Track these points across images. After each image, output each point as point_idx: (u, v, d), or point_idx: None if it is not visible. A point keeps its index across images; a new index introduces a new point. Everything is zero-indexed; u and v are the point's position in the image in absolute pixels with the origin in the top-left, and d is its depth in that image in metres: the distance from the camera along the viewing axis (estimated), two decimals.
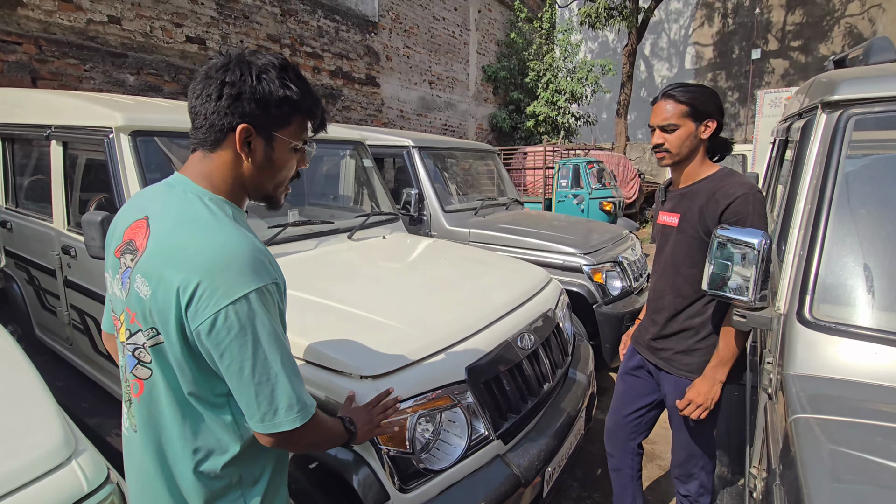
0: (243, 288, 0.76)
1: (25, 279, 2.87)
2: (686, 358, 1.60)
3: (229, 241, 0.79)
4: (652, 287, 1.74)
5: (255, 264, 0.79)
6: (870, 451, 0.79)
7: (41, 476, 0.94)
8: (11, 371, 1.24)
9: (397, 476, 1.32)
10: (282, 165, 0.89)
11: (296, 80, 0.85)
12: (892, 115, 1.15)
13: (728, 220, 1.43)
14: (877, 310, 1.06)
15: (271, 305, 0.80)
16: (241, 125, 0.82)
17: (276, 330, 0.81)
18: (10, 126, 2.77)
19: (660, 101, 1.53)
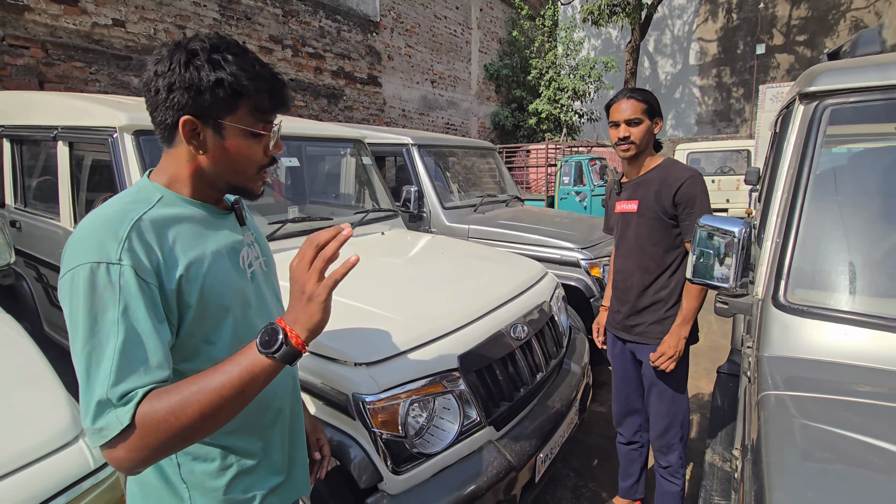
0: (72, 262, 0.70)
1: (34, 277, 2.95)
2: (659, 327, 1.80)
3: (91, 216, 0.75)
4: (618, 270, 1.92)
5: (98, 240, 0.71)
6: (832, 424, 0.83)
7: (51, 453, 0.99)
8: (23, 358, 1.31)
9: (390, 459, 1.37)
10: (238, 153, 0.82)
11: (230, 58, 0.77)
12: (865, 105, 1.18)
13: (680, 200, 1.70)
14: (848, 294, 1.10)
15: (101, 288, 0.69)
16: (183, 118, 0.77)
17: (96, 319, 0.68)
18: (19, 128, 2.85)
19: (623, 100, 1.73)
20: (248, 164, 0.84)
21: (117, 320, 0.68)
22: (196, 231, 0.83)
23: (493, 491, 1.50)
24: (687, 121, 17.10)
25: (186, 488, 0.84)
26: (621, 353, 1.98)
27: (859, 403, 0.88)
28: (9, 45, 4.45)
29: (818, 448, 0.80)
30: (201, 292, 0.79)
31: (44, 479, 0.96)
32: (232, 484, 0.87)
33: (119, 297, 0.69)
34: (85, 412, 0.67)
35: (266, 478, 0.93)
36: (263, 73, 0.81)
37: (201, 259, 0.81)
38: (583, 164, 8.51)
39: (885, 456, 0.75)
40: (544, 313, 2.13)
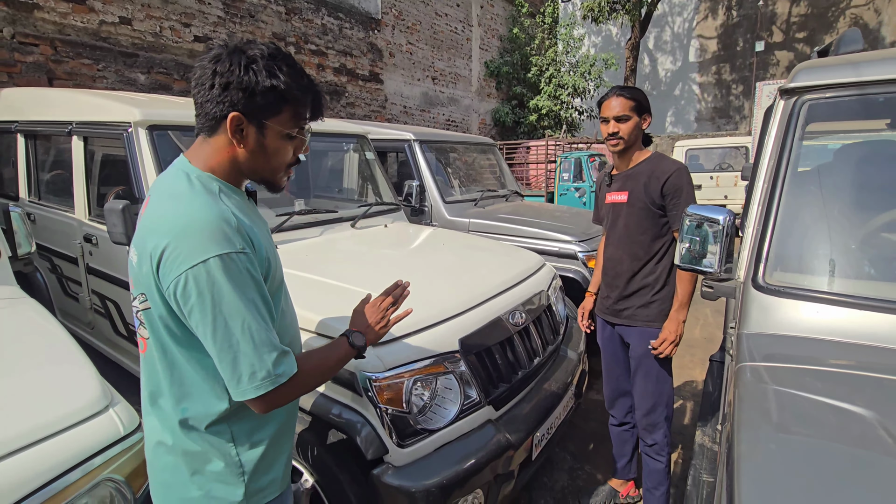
0: (203, 254, 0.79)
1: (48, 268, 3.04)
2: (645, 310, 1.91)
3: (195, 210, 0.83)
4: (608, 257, 2.02)
5: (217, 232, 0.81)
6: (799, 389, 0.91)
7: (86, 419, 1.09)
8: (53, 338, 1.40)
9: (396, 433, 1.46)
10: (275, 152, 0.92)
11: (285, 69, 0.87)
12: (840, 100, 1.26)
13: (668, 191, 1.80)
14: (821, 276, 1.18)
15: (237, 273, 0.82)
16: (232, 113, 0.86)
17: (241, 297, 0.82)
18: (33, 123, 2.93)
19: (612, 97, 1.84)
20: (280, 162, 0.95)
21: (255, 297, 0.85)
22: (251, 215, 0.97)
23: (491, 466, 1.58)
24: (686, 118, 17.15)
25: (234, 446, 0.94)
26: (610, 336, 2.09)
27: (825, 372, 0.97)
28: (19, 42, 4.54)
29: (785, 409, 0.88)
30: (273, 267, 0.95)
31: (81, 441, 1.05)
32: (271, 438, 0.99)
33: (250, 279, 0.85)
34: (260, 364, 0.83)
35: (290, 433, 1.08)
36: (310, 85, 0.92)
37: (266, 238, 0.96)
38: (582, 161, 8.58)
39: (844, 414, 0.83)
40: (542, 302, 2.21)
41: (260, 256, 0.90)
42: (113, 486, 1.07)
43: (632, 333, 1.95)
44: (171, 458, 0.94)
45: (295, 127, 0.92)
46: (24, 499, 0.95)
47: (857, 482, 0.70)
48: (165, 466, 0.95)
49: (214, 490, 0.93)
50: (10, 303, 1.59)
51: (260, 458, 0.97)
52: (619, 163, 1.98)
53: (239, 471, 0.94)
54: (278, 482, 1.03)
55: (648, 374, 1.92)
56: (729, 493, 0.73)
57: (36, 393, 1.15)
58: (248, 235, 0.87)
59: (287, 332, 1.03)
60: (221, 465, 0.93)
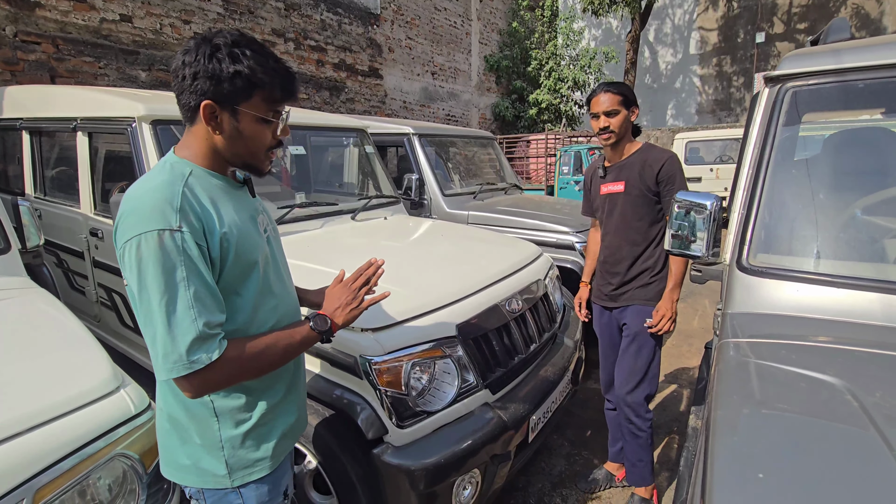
0: (135, 230, 0.82)
1: (54, 262, 3.09)
2: (643, 291, 2.00)
3: (145, 190, 0.86)
4: (606, 246, 2.10)
5: (155, 210, 0.83)
6: (777, 361, 0.96)
7: (98, 398, 1.14)
8: (65, 325, 1.45)
9: (395, 415, 1.51)
10: (251, 136, 0.93)
11: (248, 53, 0.88)
12: (822, 87, 1.30)
13: (662, 178, 1.90)
14: (802, 256, 1.23)
15: (168, 251, 0.82)
16: (204, 102, 0.89)
17: (165, 275, 0.82)
18: (38, 120, 2.98)
19: (600, 94, 1.93)
20: (258, 146, 0.96)
21: (186, 277, 0.84)
22: (225, 198, 0.97)
23: (488, 447, 1.63)
24: (687, 110, 17.11)
25: (217, 421, 0.97)
26: (608, 322, 2.16)
27: (803, 346, 1.02)
28: (21, 41, 4.58)
29: (762, 378, 0.93)
30: (236, 249, 0.93)
31: (94, 419, 1.11)
32: (257, 418, 1.01)
33: (184, 258, 0.84)
34: (173, 348, 0.82)
35: (285, 416, 1.08)
36: (277, 67, 0.92)
37: (234, 221, 0.95)
38: (582, 154, 8.61)
39: (816, 383, 0.88)
40: (538, 290, 2.26)
41: (213, 237, 0.89)
42: (126, 461, 1.13)
43: (630, 312, 2.02)
44: (166, 424, 1.00)
45: (269, 110, 0.93)
46: (41, 472, 1.00)
47: (828, 447, 0.74)
48: (162, 429, 1.01)
49: (202, 461, 0.97)
50: (21, 292, 1.65)
51: (244, 437, 0.99)
52: (612, 155, 2.06)
53: (219, 445, 0.97)
54: (267, 461, 1.03)
55: (640, 350, 2.00)
56: (705, 455, 0.78)
57: (50, 374, 1.21)
58: (200, 216, 0.88)
59: (273, 314, 1.03)
60: (203, 439, 0.97)
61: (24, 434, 1.01)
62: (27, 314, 1.52)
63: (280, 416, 1.06)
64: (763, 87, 1.40)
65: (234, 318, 0.95)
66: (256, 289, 0.98)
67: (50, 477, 1.02)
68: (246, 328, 0.97)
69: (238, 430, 0.99)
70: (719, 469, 0.70)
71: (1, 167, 3.46)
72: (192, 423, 0.97)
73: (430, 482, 1.47)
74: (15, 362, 1.24)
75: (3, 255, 1.82)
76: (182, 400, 0.96)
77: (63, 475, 1.04)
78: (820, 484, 0.68)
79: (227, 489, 1.00)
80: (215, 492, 1.00)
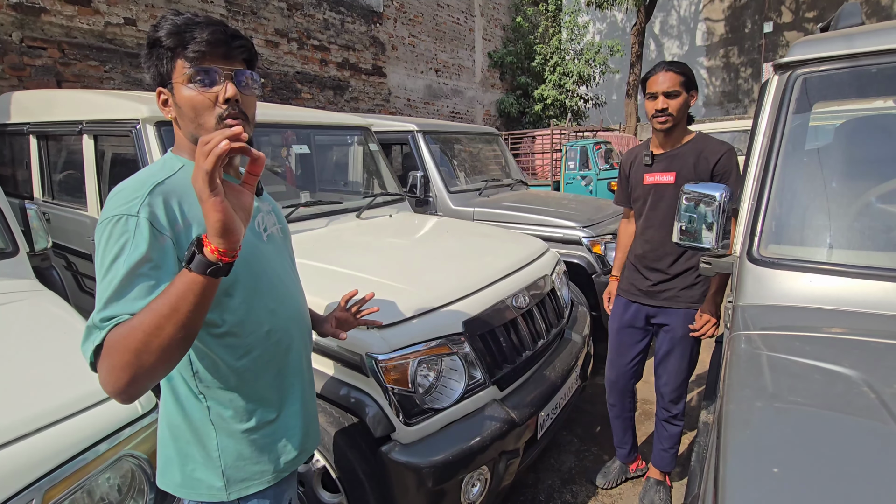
0: (104, 214, 0.82)
1: (63, 265, 3.12)
2: (689, 292, 1.91)
3: (122, 182, 0.87)
4: (648, 240, 1.97)
5: (126, 196, 0.82)
6: (790, 353, 0.94)
7: (106, 399, 1.14)
8: (73, 326, 1.46)
9: (402, 412, 1.50)
10: (188, 106, 0.86)
11: (162, 24, 0.86)
12: (833, 73, 1.27)
13: (718, 172, 1.80)
14: (814, 246, 1.20)
15: (117, 236, 0.78)
16: (157, 90, 0.91)
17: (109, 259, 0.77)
18: (45, 124, 3.00)
19: (661, 72, 1.78)
20: (199, 115, 0.86)
21: (125, 260, 0.77)
22: None
23: (496, 443, 1.62)
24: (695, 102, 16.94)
25: (214, 429, 0.93)
26: (633, 318, 2.05)
27: (816, 337, 0.99)
28: (27, 46, 4.62)
29: (775, 370, 0.91)
30: None
31: (101, 420, 1.11)
32: (255, 429, 0.96)
33: (131, 242, 0.77)
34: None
35: (289, 429, 1.02)
36: (186, 26, 0.84)
37: None
38: (588, 149, 8.54)
39: (831, 375, 0.86)
40: (545, 285, 2.24)
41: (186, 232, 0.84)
42: (134, 461, 1.13)
43: (672, 314, 1.94)
44: (165, 432, 0.96)
45: (196, 73, 0.85)
46: (50, 472, 1.01)
47: (845, 441, 0.72)
48: (161, 438, 0.97)
49: (198, 472, 0.94)
50: (30, 294, 1.66)
51: (242, 448, 0.95)
52: (664, 142, 1.91)
53: (216, 456, 0.93)
54: (268, 475, 0.98)
55: (684, 354, 1.96)
56: (717, 450, 0.77)
57: (58, 375, 1.21)
58: (171, 208, 0.84)
59: (271, 317, 0.96)
60: (200, 449, 0.93)
61: (33, 435, 1.02)
62: (35, 316, 1.53)
63: (284, 429, 1.01)
64: (772, 75, 1.37)
65: (224, 318, 0.89)
66: (248, 289, 0.92)
67: (59, 477, 1.02)
68: (238, 330, 0.91)
69: (235, 440, 0.94)
70: (732, 464, 0.68)
71: (9, 171, 3.49)
72: (191, 431, 0.93)
73: (438, 479, 1.46)
74: (24, 364, 1.25)
75: (12, 258, 1.83)
76: (182, 406, 0.93)
77: (72, 475, 1.04)
78: (837, 478, 0.66)
79: (225, 502, 0.95)
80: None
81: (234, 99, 0.86)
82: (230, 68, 0.88)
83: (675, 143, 1.89)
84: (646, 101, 1.85)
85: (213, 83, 0.86)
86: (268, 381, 0.98)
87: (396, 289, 1.78)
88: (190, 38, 0.84)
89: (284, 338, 1.00)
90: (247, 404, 0.95)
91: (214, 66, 0.86)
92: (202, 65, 0.85)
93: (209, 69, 0.85)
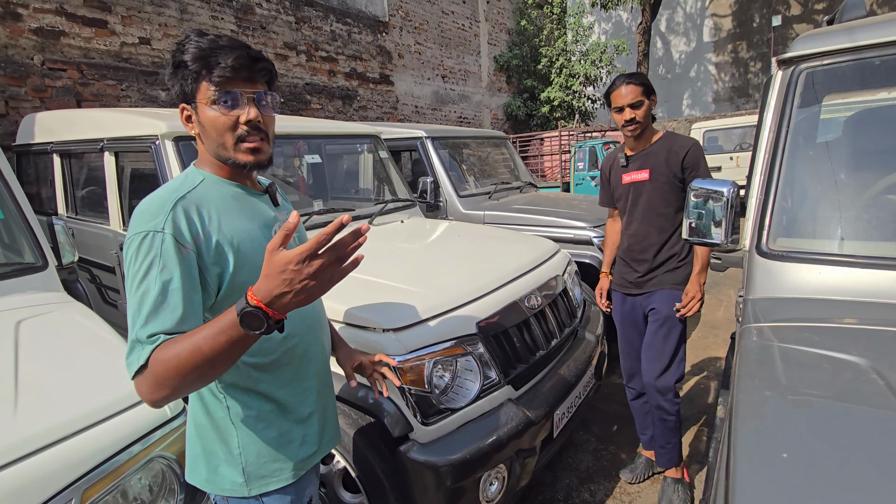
0: (131, 231, 0.85)
1: (87, 278, 3.22)
2: (671, 275, 2.04)
3: (149, 197, 0.90)
4: (633, 233, 2.10)
5: (150, 213, 0.86)
6: (799, 343, 0.95)
7: (136, 403, 1.19)
8: (101, 335, 1.52)
9: (419, 412, 1.53)
10: (211, 125, 0.92)
11: (187, 46, 0.90)
12: (837, 66, 1.28)
13: (688, 164, 1.95)
14: (823, 238, 1.21)
15: (145, 253, 0.82)
16: (180, 107, 0.95)
17: (140, 279, 0.82)
18: (67, 143, 3.11)
19: (621, 86, 1.94)
20: (221, 135, 0.92)
21: (157, 276, 0.82)
22: (232, 206, 0.96)
23: (513, 442, 1.65)
24: (704, 99, 16.79)
25: (234, 428, 0.98)
26: (631, 309, 2.18)
27: (825, 328, 1.01)
28: (48, 68, 4.78)
29: (785, 360, 0.92)
30: (237, 255, 0.91)
31: (132, 423, 1.16)
32: (272, 428, 0.99)
33: (160, 258, 0.82)
34: (128, 348, 0.82)
35: (308, 427, 1.05)
36: (214, 47, 0.89)
37: (236, 227, 0.93)
38: (597, 149, 8.53)
39: (840, 364, 0.87)
40: (557, 285, 2.26)
41: (209, 243, 0.88)
42: (165, 462, 1.18)
43: (656, 297, 2.05)
44: (192, 430, 1.01)
45: (220, 95, 0.90)
46: (88, 473, 1.06)
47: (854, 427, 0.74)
48: (189, 435, 1.02)
49: (221, 468, 0.98)
50: (60, 306, 1.73)
51: (262, 446, 0.98)
52: (635, 144, 2.07)
53: (237, 453, 0.97)
54: (288, 472, 1.01)
55: (669, 334, 2.02)
56: (729, 438, 0.78)
57: (91, 382, 1.27)
58: (195, 221, 0.87)
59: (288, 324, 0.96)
60: (223, 446, 0.97)
61: (70, 438, 1.07)
62: (66, 326, 1.60)
63: (301, 429, 1.04)
64: (776, 70, 1.39)
65: None
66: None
67: (95, 478, 1.07)
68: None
69: (254, 438, 0.98)
70: (742, 450, 0.70)
71: (36, 190, 3.61)
72: (214, 430, 0.98)
73: (456, 478, 1.49)
74: (59, 371, 1.31)
75: (42, 272, 1.91)
76: (206, 406, 0.98)
77: (107, 476, 1.09)
78: (846, 464, 0.67)
79: (247, 497, 0.99)
80: (238, 500, 0.99)
81: (256, 120, 0.92)
82: (252, 91, 0.93)
83: (646, 144, 2.05)
84: (613, 113, 2.00)
85: (236, 105, 0.91)
86: (285, 383, 1.02)
87: (410, 292, 1.81)
88: (215, 62, 0.89)
89: (302, 342, 1.04)
90: (264, 405, 0.99)
91: (237, 90, 0.91)
92: (226, 88, 0.90)
93: (232, 92, 0.90)
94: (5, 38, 4.54)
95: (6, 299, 1.71)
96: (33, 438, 1.03)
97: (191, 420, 1.02)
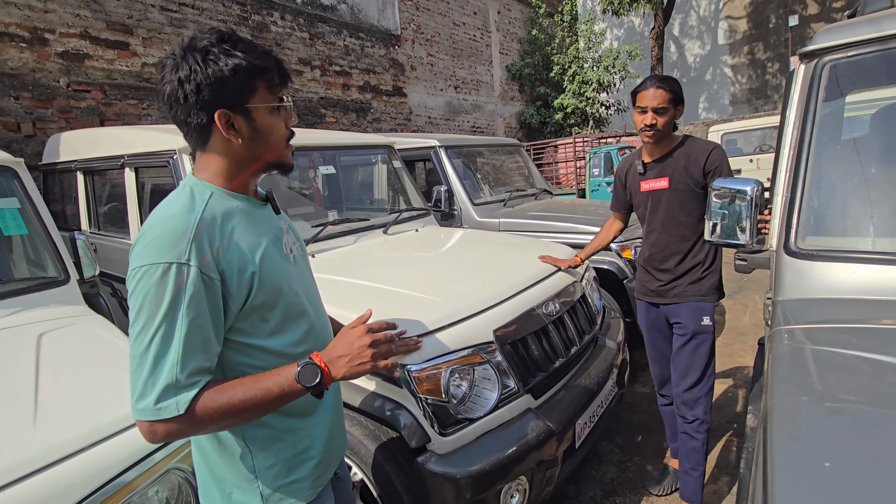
0: (144, 259, 0.77)
1: (110, 293, 3.27)
2: (696, 286, 1.96)
3: (160, 215, 0.82)
4: (653, 243, 2.03)
5: (166, 239, 0.78)
6: (832, 345, 0.90)
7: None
8: (122, 347, 1.53)
9: (437, 423, 1.50)
10: (269, 130, 0.89)
11: (239, 45, 0.85)
12: (861, 58, 1.24)
13: (710, 168, 1.85)
14: (854, 235, 1.15)
15: (170, 288, 0.77)
16: (217, 112, 0.83)
17: (163, 315, 0.77)
18: (90, 160, 3.20)
19: (651, 87, 1.84)
20: (277, 139, 0.92)
21: (183, 315, 0.77)
22: (246, 222, 0.91)
23: (534, 453, 1.60)
24: (720, 102, 16.55)
25: (249, 452, 0.93)
26: (655, 318, 2.12)
27: (861, 328, 0.95)
28: (73, 90, 4.95)
29: (819, 363, 0.87)
30: (260, 276, 0.87)
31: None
32: (294, 447, 0.97)
33: (186, 294, 0.78)
34: (144, 391, 0.76)
35: (322, 442, 1.02)
36: (266, 52, 0.89)
37: (256, 246, 0.89)
38: (612, 155, 8.45)
39: (881, 366, 0.82)
40: (575, 292, 2.22)
41: (230, 273, 0.84)
42: (181, 474, 1.17)
43: (682, 309, 1.98)
44: (198, 457, 0.97)
45: (274, 98, 0.90)
46: (105, 485, 1.05)
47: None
48: (196, 463, 0.99)
49: (235, 494, 0.94)
50: (81, 319, 1.76)
51: (279, 466, 0.94)
52: (653, 150, 1.99)
53: (252, 477, 0.93)
54: (306, 491, 0.98)
55: (698, 348, 1.95)
56: (764, 447, 0.74)
57: (110, 393, 1.27)
58: (218, 248, 0.83)
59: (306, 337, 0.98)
60: (234, 471, 0.93)
61: (89, 449, 1.07)
62: (87, 339, 1.62)
63: (317, 444, 1.01)
64: (798, 65, 1.35)
65: (256, 342, 0.91)
66: (281, 314, 0.93)
67: (113, 489, 1.06)
68: (268, 350, 0.92)
69: (272, 459, 0.94)
70: (780, 459, 0.66)
71: (60, 207, 3.72)
72: (224, 455, 0.93)
73: (476, 490, 1.45)
74: (78, 382, 1.32)
75: (64, 285, 1.94)
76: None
77: (124, 488, 1.08)
78: (893, 473, 0.63)
79: None
80: None
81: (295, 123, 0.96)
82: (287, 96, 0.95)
83: (664, 151, 1.96)
84: (635, 112, 1.91)
85: (290, 110, 0.94)
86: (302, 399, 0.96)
87: (425, 300, 1.79)
88: (270, 67, 0.88)
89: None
90: (282, 422, 0.96)
91: (285, 96, 0.93)
92: (282, 94, 0.92)
93: (288, 97, 0.93)
94: (33, 62, 4.72)
95: (29, 313, 1.74)
96: (50, 451, 1.03)
97: (196, 449, 0.98)
